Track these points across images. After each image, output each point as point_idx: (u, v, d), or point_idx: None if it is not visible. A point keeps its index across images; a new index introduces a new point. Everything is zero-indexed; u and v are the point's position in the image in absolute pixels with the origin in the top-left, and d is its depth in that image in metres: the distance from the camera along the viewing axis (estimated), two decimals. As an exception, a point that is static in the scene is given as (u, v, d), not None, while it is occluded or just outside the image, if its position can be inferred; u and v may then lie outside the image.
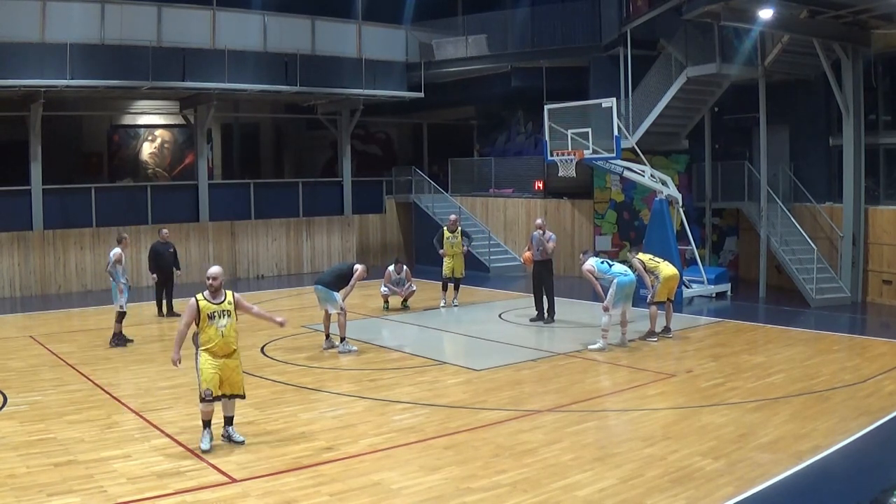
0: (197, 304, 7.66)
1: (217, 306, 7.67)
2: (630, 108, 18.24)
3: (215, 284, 7.77)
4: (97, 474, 6.55)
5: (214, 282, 7.77)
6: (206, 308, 7.63)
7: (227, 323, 7.61)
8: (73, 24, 17.80)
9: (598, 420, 8.34)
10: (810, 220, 17.00)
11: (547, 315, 13.76)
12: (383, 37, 22.74)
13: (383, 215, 24.77)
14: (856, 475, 6.70)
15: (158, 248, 14.90)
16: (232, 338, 7.59)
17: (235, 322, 7.69)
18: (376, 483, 6.40)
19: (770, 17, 14.21)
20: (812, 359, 10.88)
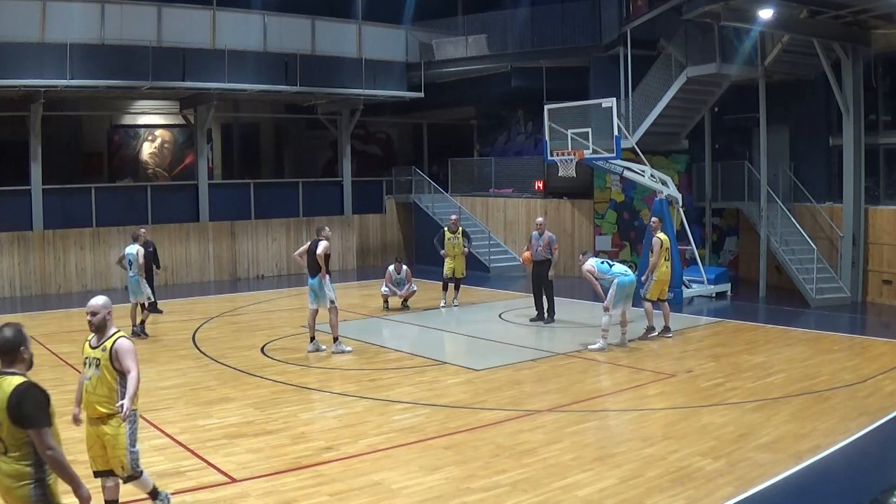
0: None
1: (91, 352, 5.48)
2: (630, 108, 18.24)
3: (94, 321, 5.45)
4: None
5: (93, 318, 5.45)
6: (83, 352, 5.56)
7: (92, 376, 5.44)
8: (73, 24, 17.79)
9: (598, 420, 8.34)
10: (810, 220, 17.00)
11: (547, 315, 13.76)
12: (383, 37, 22.74)
13: (383, 215, 24.77)
14: (856, 475, 6.70)
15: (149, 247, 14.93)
16: (98, 398, 5.43)
17: (113, 377, 5.41)
18: (376, 483, 6.41)
19: (770, 17, 14.21)
20: (812, 359, 10.88)
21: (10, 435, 4.07)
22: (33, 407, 4.05)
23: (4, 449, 4.09)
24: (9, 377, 4.12)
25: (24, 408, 4.02)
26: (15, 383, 4.08)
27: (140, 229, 15.42)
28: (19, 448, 4.07)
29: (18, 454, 4.08)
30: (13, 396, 4.03)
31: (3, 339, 4.18)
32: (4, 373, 4.14)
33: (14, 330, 4.25)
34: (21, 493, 4.09)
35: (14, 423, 4.04)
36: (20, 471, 4.09)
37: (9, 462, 4.09)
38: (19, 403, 4.02)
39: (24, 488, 4.09)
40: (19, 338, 4.23)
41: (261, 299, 17.27)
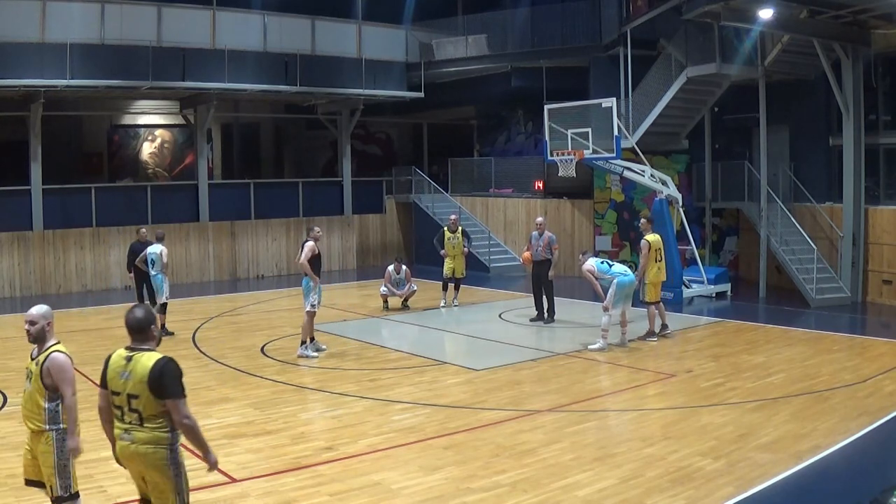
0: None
1: (30, 363, 5.14)
2: (630, 108, 18.24)
3: (32, 332, 5.18)
4: (97, 474, 6.55)
5: (31, 328, 5.18)
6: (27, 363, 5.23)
7: (26, 388, 5.10)
8: (73, 24, 17.79)
9: (598, 420, 8.34)
10: (810, 220, 17.00)
11: (547, 315, 13.76)
12: (383, 37, 22.74)
13: (383, 215, 24.77)
14: (856, 475, 6.70)
15: (137, 248, 14.90)
16: (27, 412, 5.08)
17: (41, 394, 4.98)
18: (376, 483, 6.41)
19: (770, 17, 14.22)
20: (812, 359, 10.88)
21: (147, 405, 4.42)
22: (172, 379, 4.43)
23: (140, 420, 4.45)
24: (146, 353, 4.50)
25: (164, 380, 4.39)
26: (154, 358, 4.45)
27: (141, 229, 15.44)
28: (156, 418, 4.44)
29: (154, 424, 4.45)
30: (154, 370, 4.39)
31: (136, 319, 4.56)
32: (140, 349, 4.52)
33: (145, 310, 4.65)
34: (157, 457, 4.46)
35: (153, 394, 4.39)
36: (157, 437, 4.45)
37: (145, 431, 4.45)
38: (161, 376, 4.39)
39: (160, 453, 4.46)
40: (150, 317, 4.62)
41: (261, 299, 17.27)
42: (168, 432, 4.48)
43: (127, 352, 4.54)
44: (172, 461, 4.51)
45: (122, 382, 4.47)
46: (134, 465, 4.57)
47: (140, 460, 4.49)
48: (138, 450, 4.47)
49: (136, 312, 4.59)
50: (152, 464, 4.47)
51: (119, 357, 4.54)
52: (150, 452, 4.46)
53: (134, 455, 4.50)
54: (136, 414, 4.45)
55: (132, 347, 4.55)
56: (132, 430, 4.48)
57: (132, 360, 4.48)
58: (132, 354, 4.51)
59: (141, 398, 4.42)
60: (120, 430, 4.55)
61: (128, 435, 4.50)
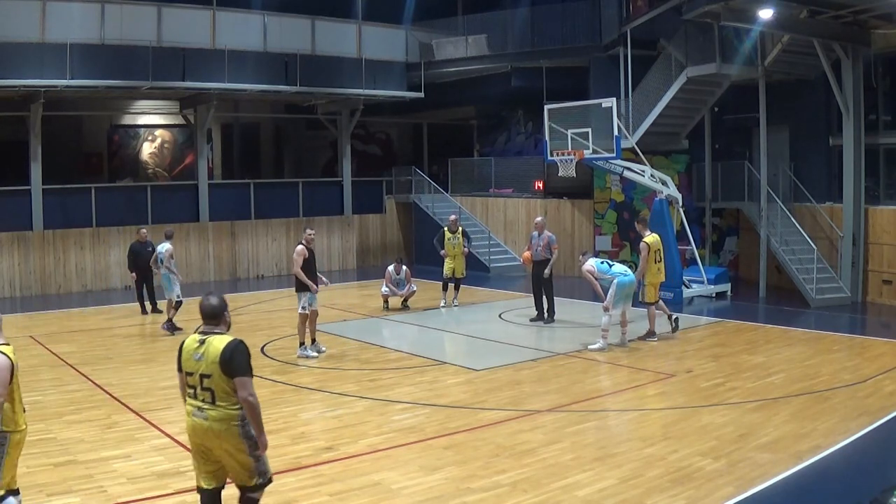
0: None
1: None
2: (630, 108, 18.24)
3: None
4: (97, 474, 6.56)
5: None
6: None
7: None
8: (73, 24, 17.80)
9: (598, 420, 8.33)
10: (810, 220, 17.00)
11: (547, 315, 13.76)
12: (383, 37, 22.75)
13: (383, 215, 24.77)
14: (856, 475, 6.70)
15: (137, 248, 14.98)
16: None
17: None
18: (376, 483, 6.41)
19: (770, 17, 14.22)
20: (812, 359, 10.88)
21: (219, 384, 4.78)
22: (241, 360, 4.80)
23: (213, 398, 4.80)
24: (218, 336, 4.91)
25: (235, 360, 4.77)
26: (226, 340, 4.85)
27: (141, 229, 15.47)
28: (228, 396, 4.79)
29: (226, 402, 4.80)
30: (226, 351, 4.77)
31: (211, 306, 4.99)
32: (212, 332, 4.94)
33: (218, 297, 5.07)
34: (230, 433, 4.80)
35: (224, 373, 4.76)
36: (229, 414, 4.80)
37: (218, 409, 4.80)
38: (232, 356, 4.76)
39: (233, 428, 4.80)
40: (223, 304, 5.06)
41: (261, 299, 17.27)
42: (238, 409, 4.81)
43: (200, 335, 4.95)
44: (245, 435, 4.84)
45: (196, 363, 4.84)
46: (206, 441, 4.86)
47: (214, 436, 4.81)
48: (212, 427, 4.80)
49: (211, 300, 5.02)
50: (227, 439, 4.81)
51: (193, 341, 4.95)
52: (223, 429, 4.80)
53: (208, 431, 4.82)
54: (209, 392, 4.81)
55: (205, 331, 4.96)
56: (205, 409, 4.82)
57: (205, 342, 4.87)
58: (205, 338, 4.91)
59: (213, 377, 4.78)
60: (192, 407, 4.88)
61: (200, 413, 4.84)
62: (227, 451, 4.86)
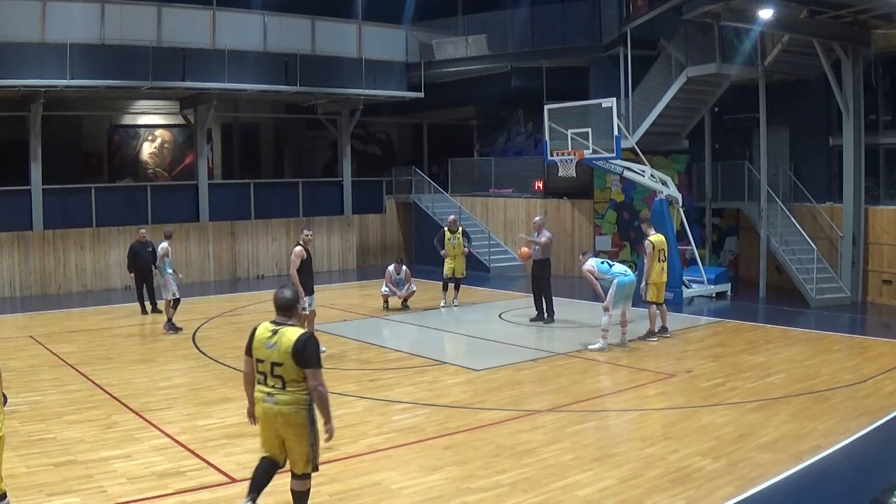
0: None
1: None
2: (630, 108, 18.24)
3: None
4: (97, 474, 6.55)
5: None
6: None
7: None
8: (73, 24, 17.79)
9: (598, 420, 8.33)
10: (810, 220, 17.00)
11: (546, 315, 13.75)
12: (383, 37, 22.74)
13: (383, 215, 24.77)
14: (856, 475, 6.70)
15: (136, 248, 14.98)
16: None
17: None
18: (376, 483, 6.41)
19: (770, 17, 14.22)
20: (812, 359, 10.88)
21: (289, 372, 5.16)
22: (312, 352, 5.17)
23: (283, 384, 5.19)
24: (290, 328, 5.24)
25: (306, 352, 5.13)
26: (298, 333, 5.19)
27: (141, 229, 15.46)
28: (296, 382, 5.18)
29: (295, 388, 5.19)
30: (298, 343, 5.13)
31: (285, 299, 5.33)
32: (285, 324, 5.27)
33: (292, 291, 5.43)
34: (297, 417, 5.22)
35: (296, 363, 5.13)
36: (297, 399, 5.20)
37: (287, 394, 5.19)
38: (304, 348, 5.13)
39: (299, 413, 5.21)
40: (295, 297, 5.40)
41: (261, 299, 17.26)
42: (306, 395, 5.20)
43: (273, 325, 5.28)
44: (309, 419, 5.26)
45: (268, 352, 5.20)
46: (274, 424, 5.27)
47: (282, 419, 5.22)
48: (281, 410, 5.20)
49: (285, 293, 5.37)
50: (292, 422, 5.21)
51: (265, 329, 5.28)
52: (291, 413, 5.19)
53: (277, 415, 5.22)
54: (279, 379, 5.19)
55: (278, 322, 5.29)
56: (275, 394, 5.21)
57: (278, 333, 5.21)
58: (278, 328, 5.24)
59: (285, 366, 5.15)
60: (262, 393, 5.28)
61: (270, 397, 5.23)
62: (290, 438, 5.26)
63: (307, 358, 5.14)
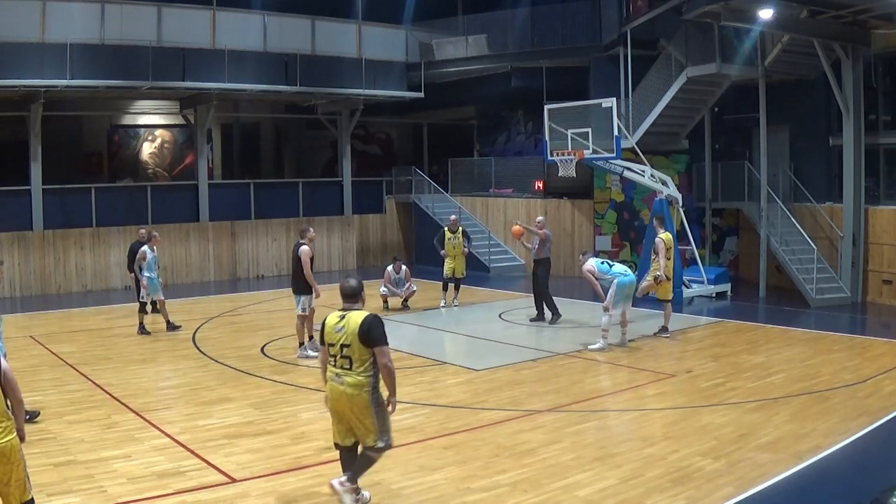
0: None
1: None
2: (630, 108, 18.23)
3: None
4: (97, 474, 6.55)
5: None
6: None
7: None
8: (73, 24, 17.80)
9: (598, 420, 8.33)
10: (810, 220, 17.00)
11: (552, 315, 13.69)
12: (383, 37, 22.74)
13: (383, 215, 24.77)
14: (856, 475, 6.70)
15: (136, 248, 14.94)
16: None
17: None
18: (376, 483, 6.40)
19: (770, 17, 14.22)
20: (812, 359, 10.88)
21: (358, 353, 5.58)
22: (378, 331, 5.60)
23: (350, 364, 5.61)
24: (356, 311, 5.72)
25: (372, 331, 5.57)
26: (363, 315, 5.65)
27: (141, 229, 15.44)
28: (363, 364, 5.58)
29: (362, 369, 5.59)
30: (364, 324, 5.57)
31: (351, 287, 5.84)
32: (352, 309, 5.76)
33: (357, 280, 5.94)
34: (362, 397, 5.59)
35: (363, 343, 5.55)
36: (363, 381, 5.59)
37: (354, 375, 5.60)
38: (370, 329, 5.57)
39: (364, 394, 5.59)
40: (360, 285, 5.91)
41: (261, 299, 17.27)
42: (370, 377, 5.60)
43: (341, 311, 5.77)
44: (374, 400, 5.62)
45: (337, 335, 5.66)
46: (341, 404, 5.68)
47: (346, 399, 5.62)
48: (345, 391, 5.62)
49: (351, 281, 5.88)
50: (355, 402, 5.61)
51: (334, 316, 5.77)
52: (354, 394, 5.59)
53: (342, 395, 5.64)
54: (348, 360, 5.61)
55: (345, 308, 5.78)
56: (342, 375, 5.64)
57: (345, 317, 5.69)
58: (345, 313, 5.72)
59: (352, 347, 5.59)
60: (332, 374, 5.72)
61: (339, 378, 5.66)
62: (355, 414, 5.64)
63: (374, 337, 5.56)
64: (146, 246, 13.32)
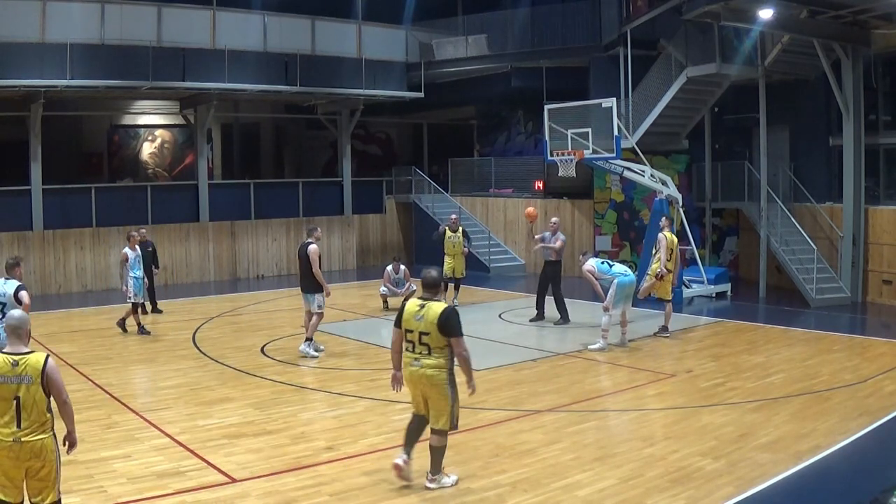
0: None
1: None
2: (630, 108, 18.23)
3: None
4: (97, 474, 6.55)
5: None
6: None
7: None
8: (73, 24, 17.79)
9: (598, 420, 8.34)
10: (810, 220, 17.00)
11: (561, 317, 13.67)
12: (383, 37, 22.73)
13: (383, 215, 24.77)
14: (856, 475, 6.70)
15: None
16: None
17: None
18: (376, 483, 6.41)
19: (770, 17, 14.22)
20: (812, 359, 10.88)
21: (436, 341, 6.08)
22: (455, 323, 6.07)
23: (429, 350, 6.10)
24: (436, 302, 6.17)
25: (449, 323, 6.03)
26: (442, 307, 6.11)
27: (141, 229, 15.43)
28: (440, 349, 6.09)
29: (439, 354, 6.10)
30: (442, 315, 6.03)
31: (432, 278, 6.32)
32: (432, 299, 6.20)
33: (437, 271, 6.46)
34: (439, 378, 6.11)
35: (441, 333, 6.04)
36: (439, 364, 6.10)
37: (432, 359, 6.11)
38: (447, 320, 6.03)
39: (440, 375, 6.12)
40: (440, 277, 6.45)
41: (261, 299, 17.27)
42: (447, 360, 6.10)
43: (420, 300, 6.20)
44: (450, 382, 6.13)
45: (417, 323, 6.11)
46: (419, 385, 6.19)
47: (426, 381, 6.12)
48: (426, 373, 6.10)
49: (432, 273, 6.35)
50: (435, 383, 6.10)
51: (414, 304, 6.20)
52: (434, 375, 6.09)
53: (422, 377, 6.13)
54: (426, 346, 6.09)
55: (425, 298, 6.22)
56: (421, 359, 6.12)
57: (425, 307, 6.12)
58: (425, 303, 6.15)
59: (431, 335, 6.06)
60: (410, 358, 6.18)
61: (417, 362, 6.13)
62: (433, 396, 6.14)
63: (451, 328, 6.02)
64: (127, 248, 13.20)
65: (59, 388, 4.83)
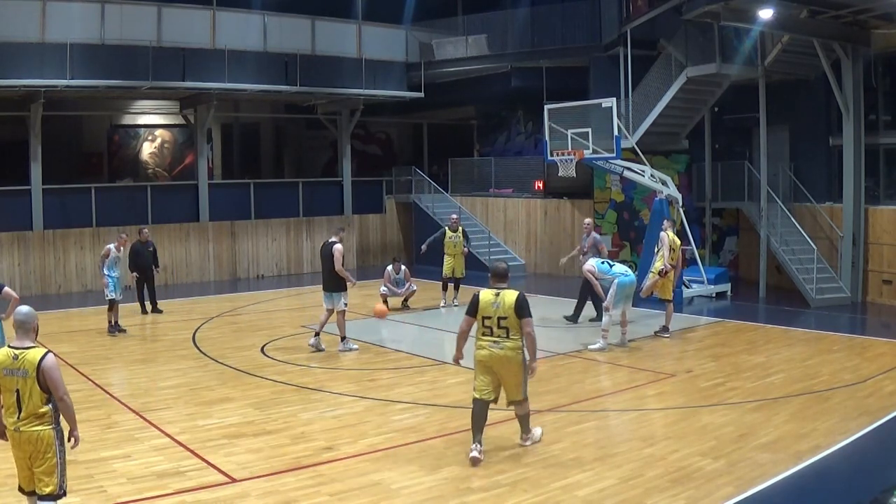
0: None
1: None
2: (630, 108, 18.22)
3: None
4: (97, 474, 6.55)
5: None
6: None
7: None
8: (73, 24, 17.78)
9: (598, 420, 8.34)
10: (810, 220, 17.00)
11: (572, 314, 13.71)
12: (383, 37, 22.73)
13: (383, 215, 24.76)
14: (856, 475, 6.70)
15: (138, 248, 14.96)
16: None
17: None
18: (376, 483, 6.41)
19: (770, 17, 14.21)
20: (812, 359, 10.88)
21: (512, 323, 6.80)
22: (527, 305, 6.84)
23: (507, 333, 6.82)
24: (509, 290, 6.86)
25: (523, 307, 6.79)
26: (516, 293, 6.83)
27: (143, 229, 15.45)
28: (516, 332, 6.82)
29: (515, 336, 6.83)
30: (518, 300, 6.79)
31: (503, 268, 7.05)
32: (503, 288, 6.91)
33: (506, 263, 7.16)
34: (516, 357, 6.88)
35: (517, 315, 6.77)
36: (516, 345, 6.85)
37: (511, 341, 6.83)
38: (521, 304, 6.79)
39: (517, 355, 6.88)
40: (508, 269, 7.07)
41: (261, 299, 17.27)
42: (520, 340, 6.85)
43: (494, 289, 6.91)
44: (524, 359, 6.91)
45: (494, 310, 6.81)
46: (497, 366, 6.88)
47: (506, 361, 6.85)
48: (507, 354, 6.83)
49: (502, 264, 7.06)
50: (514, 363, 6.87)
51: (489, 294, 6.89)
52: (512, 355, 6.84)
53: (502, 358, 6.84)
54: (505, 330, 6.81)
55: (497, 287, 6.92)
56: (501, 342, 6.83)
57: (500, 295, 6.84)
58: (499, 291, 6.88)
59: (509, 319, 6.78)
60: (489, 341, 6.87)
61: (497, 345, 6.84)
62: (509, 374, 6.88)
63: (524, 309, 6.76)
64: (112, 245, 13.34)
65: (56, 385, 4.96)
